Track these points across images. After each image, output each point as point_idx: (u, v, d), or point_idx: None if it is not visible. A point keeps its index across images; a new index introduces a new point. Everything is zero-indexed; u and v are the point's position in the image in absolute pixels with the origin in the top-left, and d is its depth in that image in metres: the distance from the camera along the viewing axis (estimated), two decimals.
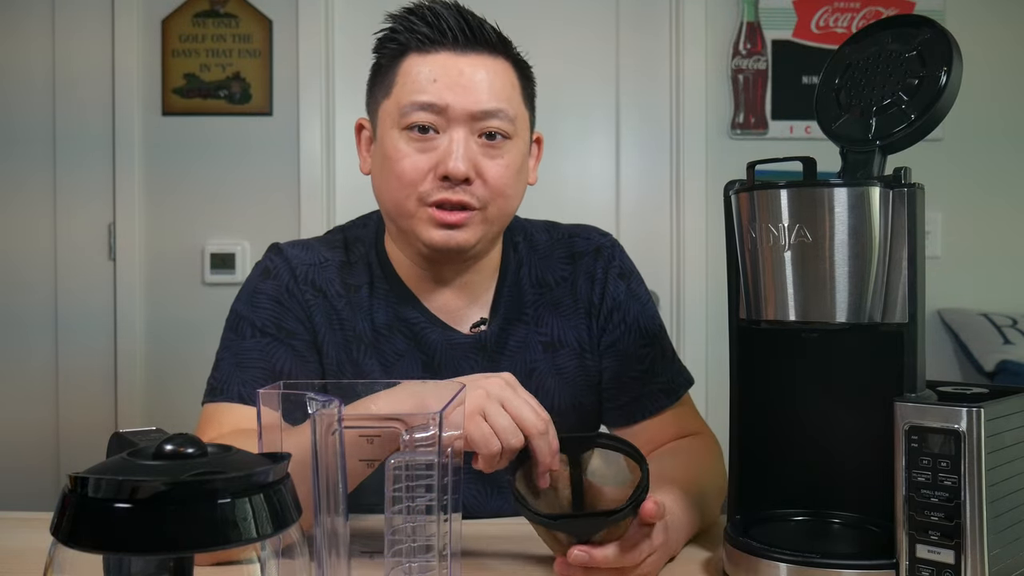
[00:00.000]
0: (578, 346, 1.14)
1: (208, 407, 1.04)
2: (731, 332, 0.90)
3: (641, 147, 2.51)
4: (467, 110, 1.00)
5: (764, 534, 0.85)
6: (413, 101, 1.01)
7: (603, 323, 1.15)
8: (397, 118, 1.02)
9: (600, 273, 1.16)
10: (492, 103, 1.01)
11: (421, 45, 1.02)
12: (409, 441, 0.65)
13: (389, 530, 0.67)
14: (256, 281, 1.10)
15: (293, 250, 1.12)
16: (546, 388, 1.12)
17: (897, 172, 0.78)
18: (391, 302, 1.10)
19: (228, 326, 1.09)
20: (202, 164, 2.44)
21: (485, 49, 1.03)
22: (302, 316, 1.08)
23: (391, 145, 1.02)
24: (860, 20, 2.45)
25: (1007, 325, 2.30)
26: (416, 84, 1.01)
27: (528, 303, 1.14)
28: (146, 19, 2.43)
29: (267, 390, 0.67)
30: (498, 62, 1.04)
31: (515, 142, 1.04)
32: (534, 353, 1.13)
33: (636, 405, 1.14)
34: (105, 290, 2.44)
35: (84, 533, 0.46)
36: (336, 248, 1.13)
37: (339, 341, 1.08)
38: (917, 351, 0.78)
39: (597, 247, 1.17)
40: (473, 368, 1.09)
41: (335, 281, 1.10)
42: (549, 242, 1.18)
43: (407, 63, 1.03)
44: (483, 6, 1.09)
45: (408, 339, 1.09)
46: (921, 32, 0.82)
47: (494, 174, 1.02)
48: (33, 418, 2.44)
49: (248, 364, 1.04)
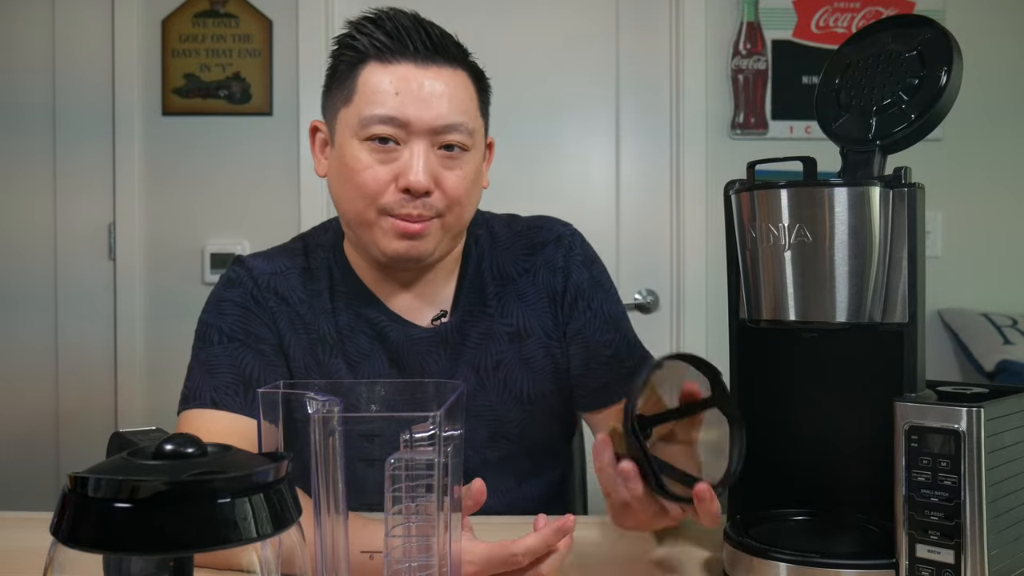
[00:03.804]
0: (544, 335, 1.15)
1: (183, 415, 1.05)
2: (731, 332, 0.90)
3: (641, 147, 2.51)
4: (428, 124, 1.01)
5: (764, 534, 0.85)
6: (374, 114, 1.01)
7: (568, 311, 1.16)
8: (357, 128, 1.02)
9: (561, 261, 1.16)
10: (452, 117, 1.02)
11: (381, 54, 1.02)
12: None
13: (389, 530, 0.67)
14: (220, 291, 1.12)
15: (255, 261, 1.14)
16: (514, 377, 1.14)
17: (897, 172, 0.78)
18: (352, 304, 1.12)
19: (197, 337, 1.11)
20: (202, 164, 2.44)
21: (445, 61, 1.04)
22: (268, 321, 1.10)
23: (351, 155, 1.03)
24: (860, 20, 2.45)
25: (1007, 325, 2.30)
26: (377, 96, 1.01)
27: (490, 295, 1.15)
28: (146, 19, 2.43)
29: (267, 390, 0.67)
30: (457, 74, 1.04)
31: (472, 153, 1.06)
32: (499, 344, 1.13)
33: (605, 391, 1.15)
34: (105, 290, 2.44)
35: (84, 533, 0.46)
36: (296, 255, 1.15)
37: (304, 345, 1.10)
38: (917, 351, 0.78)
39: (557, 236, 1.18)
40: (437, 361, 1.11)
41: (297, 287, 1.12)
42: (510, 235, 1.19)
43: (367, 72, 1.03)
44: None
45: (371, 338, 1.11)
46: (921, 32, 0.82)
47: (452, 184, 1.03)
48: (33, 418, 2.44)
49: (218, 370, 1.06)
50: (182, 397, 1.06)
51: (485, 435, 1.14)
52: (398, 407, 0.77)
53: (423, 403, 0.76)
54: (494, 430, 1.14)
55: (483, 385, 1.13)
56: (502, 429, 1.14)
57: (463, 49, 1.07)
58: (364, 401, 0.80)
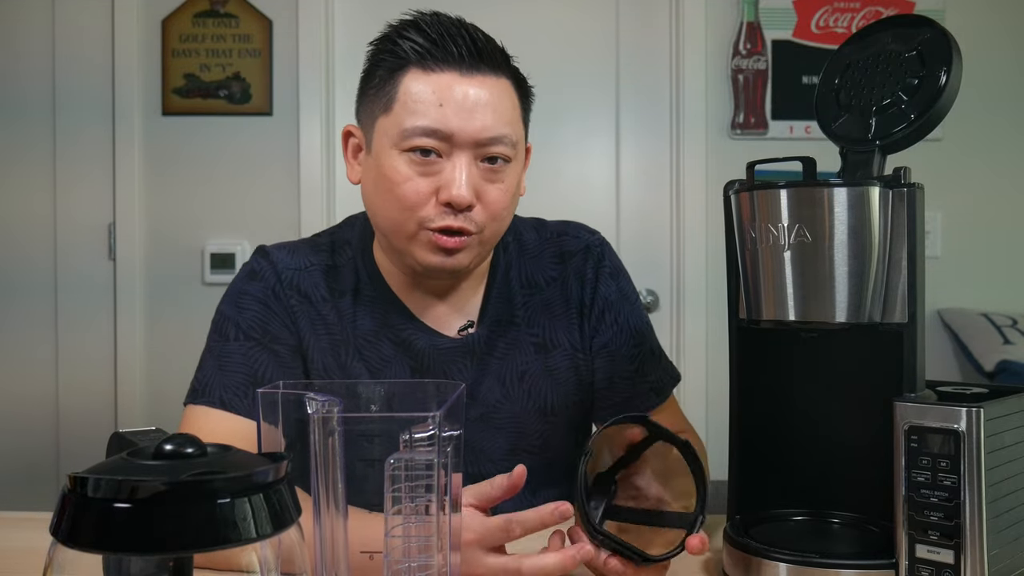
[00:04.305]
0: (570, 347, 1.14)
1: (190, 408, 1.03)
2: (731, 332, 0.90)
3: (641, 147, 2.51)
4: (472, 137, 0.98)
5: (764, 534, 0.85)
6: (416, 125, 0.97)
7: (595, 324, 1.15)
8: (397, 139, 0.99)
9: (591, 273, 1.15)
10: (497, 129, 0.99)
11: (423, 61, 0.98)
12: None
13: (389, 530, 0.67)
14: (242, 283, 1.09)
15: (279, 253, 1.11)
16: (538, 389, 1.12)
17: (897, 172, 0.78)
18: (377, 308, 1.09)
19: (213, 327, 1.08)
20: (202, 164, 2.44)
21: (489, 68, 0.99)
22: (287, 321, 1.07)
23: (390, 166, 1.00)
24: (860, 20, 2.45)
25: (1007, 325, 2.30)
26: (419, 106, 0.97)
27: (518, 304, 1.13)
28: (146, 19, 2.43)
29: (266, 390, 0.67)
30: (501, 82, 1.01)
31: (513, 164, 1.03)
32: (525, 355, 1.12)
33: (627, 405, 1.15)
34: (105, 289, 2.44)
35: (84, 533, 0.46)
36: (321, 251, 1.12)
37: (325, 346, 1.07)
38: (917, 351, 0.78)
39: (586, 246, 1.17)
40: (461, 372, 1.09)
41: (320, 285, 1.09)
42: (538, 241, 1.17)
43: (408, 80, 0.99)
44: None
45: (395, 345, 1.08)
46: (921, 32, 0.82)
47: (494, 198, 1.01)
48: (33, 418, 2.44)
49: (230, 368, 1.03)
50: (191, 389, 1.04)
51: (506, 447, 1.11)
52: (398, 407, 0.77)
53: (423, 403, 0.77)
54: (515, 443, 1.12)
55: (507, 396, 1.11)
56: (523, 442, 1.12)
57: (506, 55, 1.03)
58: (364, 401, 0.80)
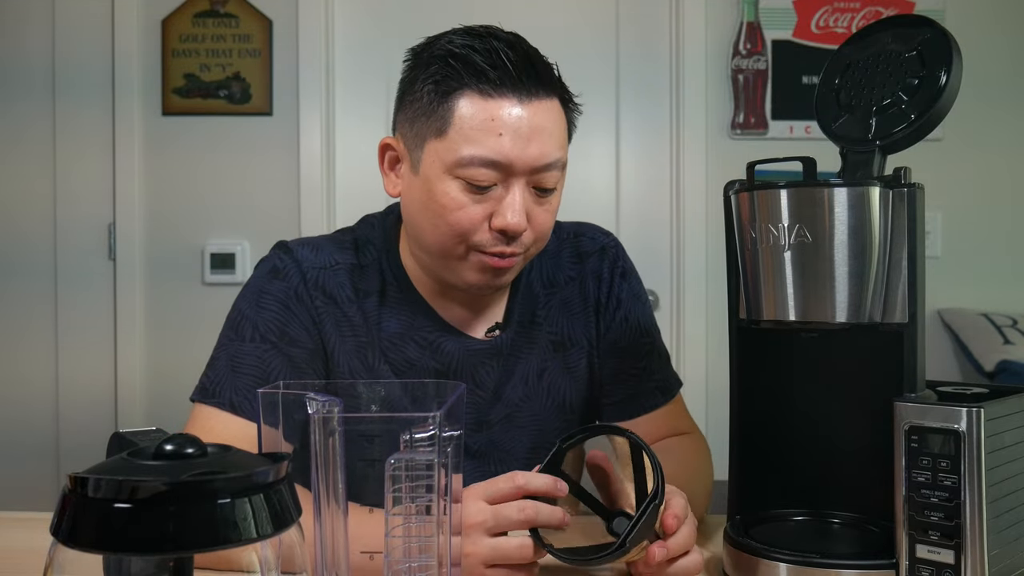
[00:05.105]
0: (587, 344, 1.15)
1: (198, 407, 1.01)
2: (731, 332, 0.90)
3: (641, 147, 2.51)
4: (529, 165, 0.96)
5: (764, 534, 0.85)
6: (475, 155, 0.94)
7: (608, 321, 1.16)
8: (452, 166, 0.95)
9: (606, 273, 1.17)
10: (552, 155, 0.98)
11: (481, 85, 0.94)
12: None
13: (389, 530, 0.67)
14: (263, 281, 1.06)
15: (303, 250, 1.07)
16: (557, 386, 1.13)
17: (897, 172, 0.78)
18: (404, 310, 1.08)
19: (229, 323, 1.05)
20: (202, 164, 2.45)
21: (544, 93, 0.98)
22: (308, 324, 1.04)
23: (442, 191, 0.97)
24: (860, 20, 2.45)
25: (1007, 325, 2.30)
26: (478, 134, 0.94)
27: (540, 304, 1.14)
28: (146, 19, 2.43)
29: (266, 390, 0.67)
30: (554, 104, 0.99)
31: (559, 186, 1.03)
32: (545, 352, 1.13)
33: (633, 401, 1.15)
34: (105, 290, 2.44)
35: (84, 533, 0.46)
36: (346, 250, 1.09)
37: (351, 348, 1.05)
38: (917, 351, 0.78)
39: (602, 247, 1.19)
40: (489, 374, 1.09)
41: (346, 285, 1.06)
42: (556, 242, 1.18)
43: (464, 103, 0.95)
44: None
45: (421, 347, 1.07)
46: (921, 32, 0.82)
47: (542, 220, 1.01)
48: (33, 418, 2.44)
49: (242, 369, 1.01)
50: (200, 386, 1.02)
51: (528, 445, 1.12)
52: (398, 407, 0.77)
53: (423, 403, 0.77)
54: (536, 441, 1.12)
55: (529, 395, 1.12)
56: (543, 439, 1.12)
57: (557, 75, 1.02)
58: (364, 401, 0.80)
